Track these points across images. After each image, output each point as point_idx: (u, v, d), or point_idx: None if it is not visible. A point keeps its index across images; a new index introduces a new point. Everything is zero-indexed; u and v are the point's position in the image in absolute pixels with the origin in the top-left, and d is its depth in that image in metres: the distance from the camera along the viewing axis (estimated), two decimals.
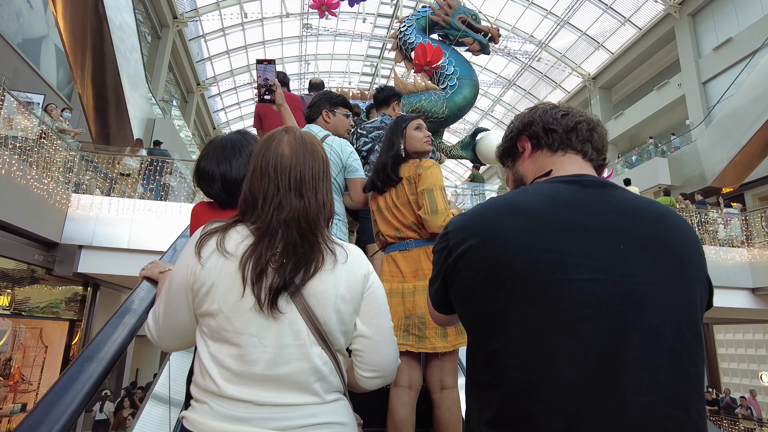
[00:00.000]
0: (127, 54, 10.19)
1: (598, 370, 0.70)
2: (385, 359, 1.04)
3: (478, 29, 8.88)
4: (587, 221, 0.80)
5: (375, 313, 1.03)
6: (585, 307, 0.73)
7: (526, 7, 17.82)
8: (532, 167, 0.98)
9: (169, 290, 0.99)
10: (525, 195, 0.86)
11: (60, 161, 7.26)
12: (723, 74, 13.90)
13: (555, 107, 1.00)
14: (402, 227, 1.94)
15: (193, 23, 17.90)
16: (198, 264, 0.94)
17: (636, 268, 0.76)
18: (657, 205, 0.86)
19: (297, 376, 0.91)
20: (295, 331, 0.92)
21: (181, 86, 19.65)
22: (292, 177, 0.99)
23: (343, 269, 0.98)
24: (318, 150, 1.05)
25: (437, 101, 8.28)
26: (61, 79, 10.78)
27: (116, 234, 7.51)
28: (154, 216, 7.67)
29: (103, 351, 1.15)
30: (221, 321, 0.91)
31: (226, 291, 0.91)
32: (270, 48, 20.68)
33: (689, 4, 15.09)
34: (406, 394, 1.81)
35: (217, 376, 0.90)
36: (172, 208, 7.96)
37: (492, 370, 0.78)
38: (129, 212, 7.62)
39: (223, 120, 25.55)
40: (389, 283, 1.91)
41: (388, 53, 21.84)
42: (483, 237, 0.81)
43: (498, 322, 0.77)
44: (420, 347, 1.79)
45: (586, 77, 19.67)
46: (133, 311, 1.31)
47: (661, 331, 0.73)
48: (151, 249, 7.23)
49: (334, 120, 2.47)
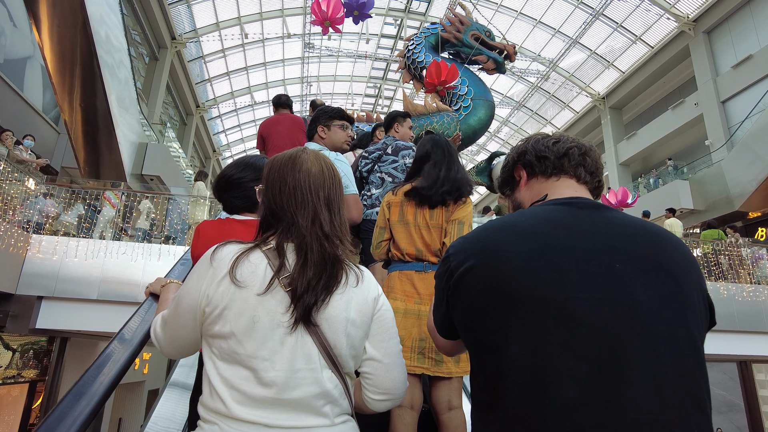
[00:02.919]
0: (116, 71, 9.57)
1: (599, 387, 0.70)
2: (395, 382, 1.04)
3: (493, 46, 8.30)
4: (583, 241, 0.82)
5: (384, 336, 1.03)
6: (584, 325, 0.74)
7: (534, 26, 17.39)
8: (529, 193, 1.02)
9: (178, 308, 0.99)
10: (522, 217, 0.89)
11: (18, 197, 6.30)
12: (744, 92, 13.28)
13: (547, 136, 1.04)
14: (425, 249, 1.94)
15: (192, 44, 17.48)
16: (211, 285, 0.94)
17: (632, 286, 0.77)
18: (651, 225, 0.88)
19: (308, 399, 0.92)
20: (306, 355, 0.93)
21: (180, 108, 19.17)
22: (323, 194, 1.02)
23: (353, 293, 0.99)
24: (336, 170, 1.08)
25: (450, 123, 7.64)
26: (48, 103, 10.17)
27: (84, 282, 6.26)
28: (129, 260, 6.47)
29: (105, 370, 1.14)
30: (233, 344, 0.92)
31: (238, 314, 0.92)
32: (271, 69, 20.28)
33: (704, 21, 14.57)
34: (408, 415, 1.80)
35: (228, 398, 0.90)
36: (155, 250, 6.70)
37: (494, 390, 0.78)
38: (100, 256, 6.39)
39: (224, 142, 25.06)
40: (404, 303, 1.90)
41: (395, 73, 21.48)
42: (482, 257, 0.83)
43: (498, 340, 0.78)
44: (436, 371, 1.81)
45: (596, 97, 19.12)
46: (133, 337, 1.31)
47: (660, 349, 0.73)
48: (126, 300, 6.08)
49: (329, 134, 2.44)
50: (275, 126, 4.03)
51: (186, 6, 15.86)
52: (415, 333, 1.83)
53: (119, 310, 5.69)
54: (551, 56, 18.31)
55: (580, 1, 16.05)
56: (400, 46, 18.37)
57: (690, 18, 14.79)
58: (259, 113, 22.85)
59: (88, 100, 9.42)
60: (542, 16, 17.08)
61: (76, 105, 9.62)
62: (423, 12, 18.22)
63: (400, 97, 23.01)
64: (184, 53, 17.18)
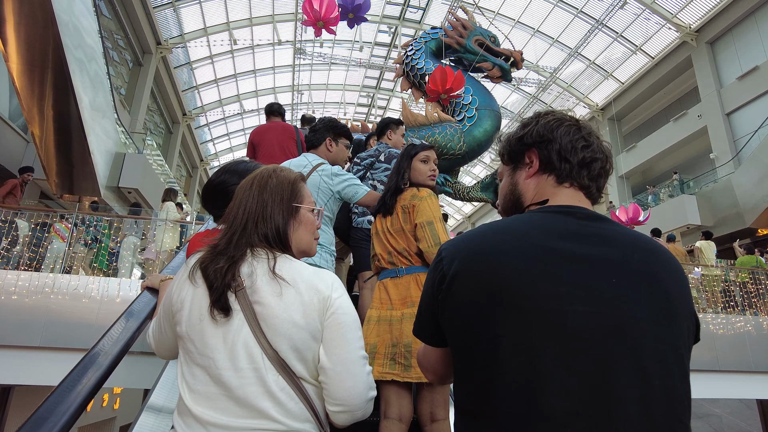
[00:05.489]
0: (88, 73, 8.82)
1: (590, 402, 0.69)
2: (350, 392, 0.97)
3: (498, 53, 7.73)
4: (579, 252, 0.79)
5: (338, 342, 0.99)
6: (577, 339, 0.72)
7: (532, 35, 16.97)
8: (534, 188, 0.94)
9: (161, 312, 1.08)
10: (519, 223, 0.86)
11: None
12: (750, 105, 12.89)
13: (578, 131, 0.93)
14: (394, 253, 1.95)
15: (178, 50, 16.78)
16: (177, 288, 1.01)
17: (626, 302, 0.76)
18: (647, 240, 0.85)
19: (253, 399, 0.91)
20: (249, 355, 0.93)
21: (165, 116, 18.40)
22: (241, 209, 1.04)
23: (295, 295, 0.97)
24: (271, 182, 1.08)
25: (453, 135, 7.00)
26: (15, 109, 9.37)
27: (24, 325, 4.95)
28: (81, 298, 5.14)
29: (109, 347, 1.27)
30: (187, 343, 0.96)
31: (189, 313, 0.97)
32: (261, 77, 19.63)
33: (707, 31, 14.22)
34: (396, 427, 1.75)
35: (188, 397, 0.93)
36: (113, 285, 5.34)
37: (482, 400, 0.76)
38: (45, 294, 5.04)
39: (212, 152, 24.29)
40: (378, 311, 1.92)
41: (389, 82, 20.96)
42: (475, 262, 0.81)
43: (490, 348, 0.75)
44: (405, 376, 1.75)
45: (594, 108, 18.71)
46: (137, 315, 1.47)
47: (650, 366, 0.72)
48: (79, 347, 4.75)
49: (335, 150, 2.50)
50: (266, 134, 4.06)
51: (172, 10, 15.19)
52: (387, 339, 1.82)
53: (69, 358, 4.55)
54: (549, 66, 17.90)
55: (579, 11, 15.67)
56: (394, 55, 17.84)
57: (692, 28, 14.43)
58: (249, 122, 22.16)
59: (60, 106, 8.66)
60: (540, 25, 16.68)
61: (47, 113, 8.86)
62: (418, 20, 17.74)
63: (394, 107, 22.52)
64: (170, 59, 16.45)
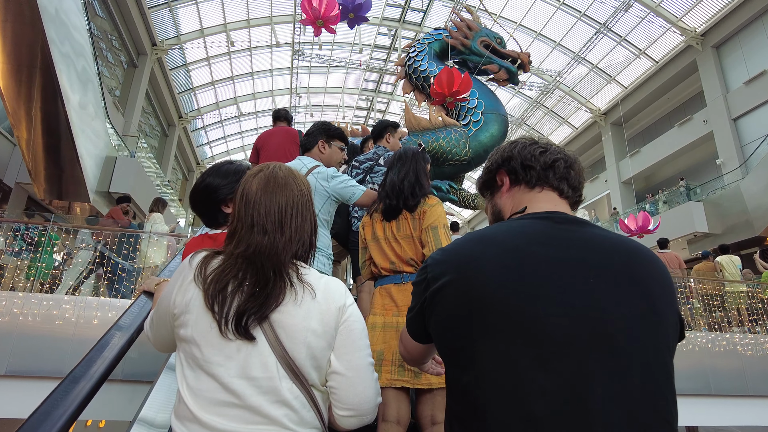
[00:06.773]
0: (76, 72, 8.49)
1: (570, 404, 0.69)
2: (360, 398, 0.98)
3: (505, 55, 7.41)
4: (558, 256, 0.80)
5: (349, 348, 0.99)
6: (556, 342, 0.72)
7: (534, 38, 16.70)
8: (510, 202, 1.00)
9: (157, 311, 1.05)
10: (499, 231, 0.87)
11: None
12: (757, 110, 12.62)
13: (534, 143, 1.00)
14: (398, 261, 1.95)
15: (174, 51, 16.45)
16: (180, 290, 0.97)
17: (606, 303, 0.76)
18: (628, 241, 0.86)
19: (265, 408, 0.90)
20: (263, 364, 0.91)
21: (161, 119, 18.05)
22: (255, 212, 1.00)
23: (313, 304, 0.96)
24: (291, 185, 1.05)
25: (459, 140, 6.66)
26: (0, 111, 9.05)
27: None
28: (54, 319, 4.47)
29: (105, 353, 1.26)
30: (193, 348, 0.93)
31: (198, 318, 0.93)
32: (259, 79, 19.31)
33: (713, 35, 13.97)
34: (394, 430, 1.75)
35: (192, 404, 0.91)
36: (91, 305, 4.62)
37: (467, 403, 0.78)
38: (13, 314, 4.35)
39: (209, 155, 23.94)
40: (383, 317, 1.91)
41: (388, 86, 20.67)
42: (459, 271, 0.83)
43: (471, 354, 0.77)
44: (416, 383, 1.78)
45: (597, 112, 18.45)
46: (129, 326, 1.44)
47: (630, 367, 0.72)
48: (51, 374, 4.15)
49: (329, 151, 2.48)
50: (270, 138, 4.13)
51: (168, 10, 14.87)
52: (394, 346, 1.82)
53: (40, 387, 4.06)
54: (551, 70, 17.64)
55: (583, 14, 15.44)
56: (394, 58, 17.57)
57: (698, 32, 14.18)
58: (246, 125, 21.85)
59: (49, 106, 8.32)
60: (542, 28, 16.44)
61: (35, 114, 8.51)
62: (419, 22, 17.47)
63: (393, 110, 22.23)
64: (166, 60, 16.14)
